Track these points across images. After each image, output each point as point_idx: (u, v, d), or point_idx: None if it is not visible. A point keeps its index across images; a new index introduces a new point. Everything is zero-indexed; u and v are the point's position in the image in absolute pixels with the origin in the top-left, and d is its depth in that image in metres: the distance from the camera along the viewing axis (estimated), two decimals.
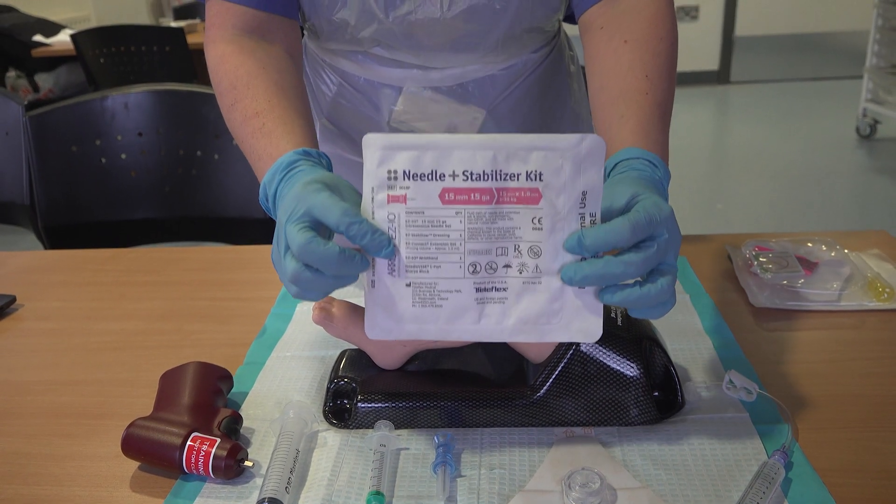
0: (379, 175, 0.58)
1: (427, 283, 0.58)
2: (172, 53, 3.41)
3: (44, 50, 3.90)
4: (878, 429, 0.66)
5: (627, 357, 0.67)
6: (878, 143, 4.23)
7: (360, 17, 0.87)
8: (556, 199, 0.57)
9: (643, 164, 0.67)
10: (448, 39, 0.89)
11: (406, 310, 0.59)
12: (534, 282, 0.59)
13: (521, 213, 0.58)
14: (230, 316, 0.92)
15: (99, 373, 0.82)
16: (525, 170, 0.57)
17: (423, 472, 0.63)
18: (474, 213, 0.57)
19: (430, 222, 0.58)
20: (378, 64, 0.94)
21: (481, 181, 0.57)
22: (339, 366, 0.74)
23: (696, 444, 0.65)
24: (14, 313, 0.97)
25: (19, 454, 0.69)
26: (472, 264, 0.58)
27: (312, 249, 0.56)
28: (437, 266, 0.58)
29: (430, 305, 0.59)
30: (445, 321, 0.59)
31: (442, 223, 0.57)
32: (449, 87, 0.94)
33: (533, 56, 0.98)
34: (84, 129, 1.46)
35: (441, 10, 0.85)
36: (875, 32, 4.16)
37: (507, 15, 0.87)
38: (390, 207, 0.58)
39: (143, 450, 0.64)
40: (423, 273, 0.58)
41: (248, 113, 0.76)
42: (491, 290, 0.59)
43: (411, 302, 0.59)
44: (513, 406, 0.68)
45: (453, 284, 0.58)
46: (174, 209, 1.50)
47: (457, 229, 0.57)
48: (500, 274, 0.59)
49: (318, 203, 0.58)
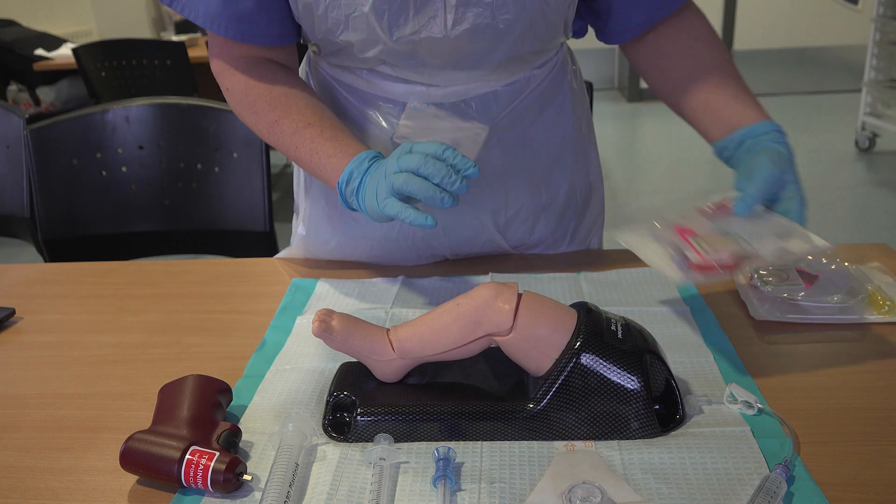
0: None
1: None
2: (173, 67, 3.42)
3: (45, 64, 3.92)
4: (880, 442, 0.66)
5: (628, 370, 0.66)
6: (878, 157, 4.23)
7: (363, 39, 0.87)
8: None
9: (779, 136, 0.86)
10: (451, 58, 0.89)
11: None
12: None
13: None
14: (229, 329, 0.92)
15: (98, 386, 0.82)
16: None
17: (423, 486, 0.63)
18: None
19: None
20: (382, 79, 0.95)
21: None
22: (338, 379, 0.74)
23: (697, 457, 0.64)
24: (13, 326, 0.97)
25: (17, 468, 0.69)
26: None
27: (425, 161, 0.76)
28: None
29: None
30: None
31: None
32: (452, 103, 0.95)
33: (536, 72, 0.99)
34: (85, 142, 1.46)
35: (445, 29, 0.85)
36: (873, 47, 4.18)
37: (510, 35, 0.87)
38: None
39: (141, 463, 0.64)
40: None
41: (298, 125, 0.90)
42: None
43: None
44: (513, 419, 0.68)
45: None
46: (174, 222, 1.51)
47: None
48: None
49: (420, 145, 0.78)
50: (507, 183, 1.02)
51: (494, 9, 0.84)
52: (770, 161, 0.82)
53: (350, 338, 0.72)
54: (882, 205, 3.58)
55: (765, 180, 0.81)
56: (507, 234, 1.06)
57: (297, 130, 0.90)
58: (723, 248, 0.74)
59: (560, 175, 1.06)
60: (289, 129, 0.90)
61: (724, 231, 0.79)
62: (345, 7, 0.84)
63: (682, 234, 0.79)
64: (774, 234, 0.76)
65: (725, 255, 0.72)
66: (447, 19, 0.84)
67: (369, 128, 0.98)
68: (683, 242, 0.76)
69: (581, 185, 1.10)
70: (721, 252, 0.73)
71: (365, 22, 0.85)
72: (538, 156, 1.02)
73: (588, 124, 1.13)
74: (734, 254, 0.73)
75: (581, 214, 1.12)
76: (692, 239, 0.77)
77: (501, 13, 0.84)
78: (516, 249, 1.09)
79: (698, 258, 0.73)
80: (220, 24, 0.89)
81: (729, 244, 0.75)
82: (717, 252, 0.73)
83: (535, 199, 1.04)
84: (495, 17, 0.85)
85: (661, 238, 0.80)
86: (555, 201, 1.07)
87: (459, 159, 0.76)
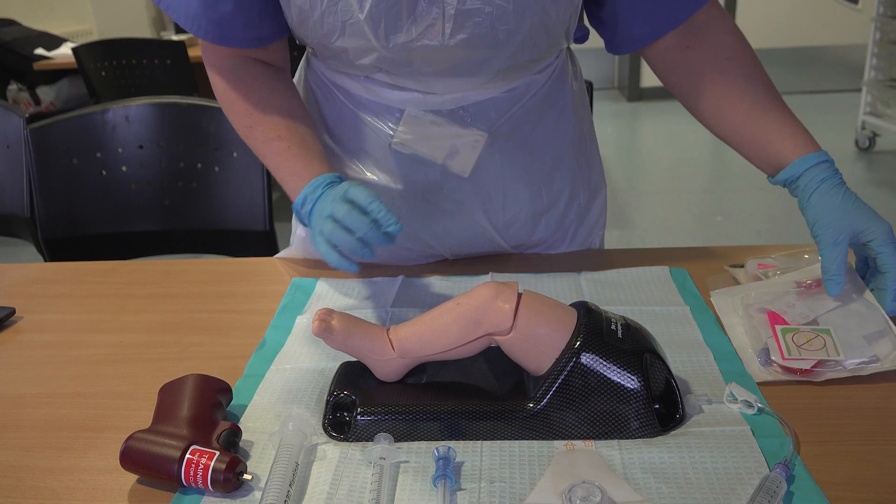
0: None
1: None
2: (173, 66, 3.42)
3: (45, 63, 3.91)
4: (880, 442, 0.66)
5: (628, 370, 0.66)
6: (877, 156, 4.24)
7: (359, 46, 0.86)
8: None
9: (828, 167, 0.84)
10: (448, 66, 0.88)
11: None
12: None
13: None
14: (229, 328, 0.92)
15: (98, 385, 0.82)
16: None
17: (423, 485, 0.63)
18: None
19: None
20: (379, 86, 0.94)
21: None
22: (338, 378, 0.74)
23: (697, 457, 0.64)
24: (13, 325, 0.97)
25: (18, 467, 0.69)
26: None
27: (349, 213, 0.78)
28: None
29: None
30: None
31: None
32: (450, 110, 0.94)
33: (536, 77, 0.97)
34: (85, 141, 1.46)
35: (443, 38, 0.84)
36: (873, 46, 4.18)
37: (510, 45, 0.86)
38: None
39: (141, 463, 0.64)
40: None
41: (268, 135, 0.92)
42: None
43: None
44: (513, 419, 0.68)
45: None
46: (174, 222, 1.50)
47: None
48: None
49: (354, 190, 0.80)
50: (507, 187, 1.01)
51: (494, 19, 0.83)
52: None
53: (350, 337, 0.72)
54: (882, 204, 3.58)
55: (840, 259, 0.81)
56: (508, 235, 1.06)
57: (267, 141, 0.92)
58: (808, 352, 0.76)
59: (562, 178, 1.05)
60: (260, 137, 0.93)
61: (814, 319, 0.81)
62: (341, 13, 0.83)
63: (773, 322, 0.80)
64: (864, 337, 0.78)
65: (809, 364, 0.75)
66: (445, 28, 0.83)
67: (367, 132, 0.98)
68: (771, 338, 0.78)
69: (584, 188, 1.09)
70: (805, 358, 0.75)
71: (361, 29, 0.84)
72: (539, 160, 1.02)
73: (589, 125, 1.12)
74: (818, 359, 0.75)
75: (583, 216, 1.11)
76: (781, 332, 0.79)
77: (501, 23, 0.83)
78: (516, 249, 1.09)
79: (781, 361, 0.76)
80: (200, 27, 0.89)
81: (816, 346, 0.77)
82: (800, 355, 0.76)
83: (536, 203, 1.04)
84: (495, 28, 0.83)
85: (750, 319, 0.83)
86: (556, 204, 1.06)
87: (383, 214, 0.77)
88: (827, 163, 0.85)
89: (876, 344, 0.77)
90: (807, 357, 0.75)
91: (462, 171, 0.98)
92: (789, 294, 0.85)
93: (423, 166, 0.97)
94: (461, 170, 0.97)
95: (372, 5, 0.81)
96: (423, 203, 1.00)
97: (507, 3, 0.81)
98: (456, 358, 0.71)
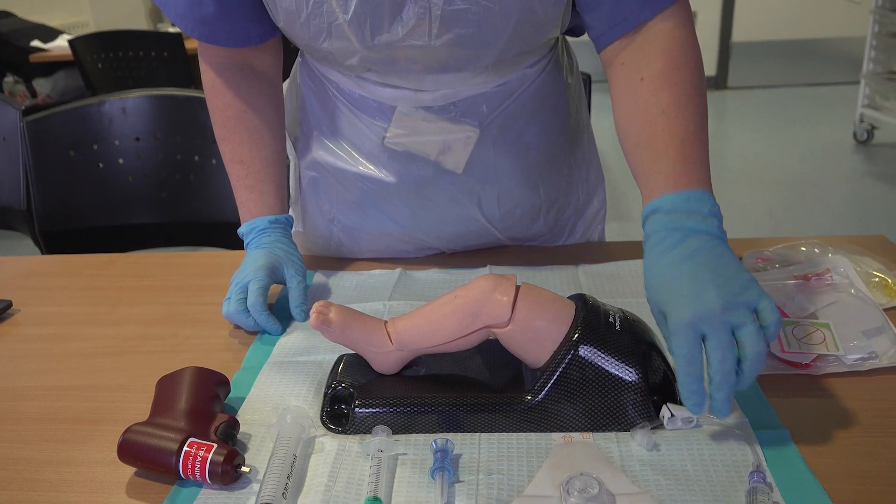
0: None
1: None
2: (170, 59, 3.41)
3: (42, 55, 3.90)
4: (878, 434, 0.66)
5: (626, 362, 0.66)
6: (876, 149, 4.23)
7: (343, 47, 0.86)
8: None
9: (665, 217, 0.71)
10: (434, 64, 0.88)
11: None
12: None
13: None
14: (227, 321, 0.92)
15: (95, 378, 0.82)
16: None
17: (422, 477, 0.63)
18: None
19: None
20: (370, 84, 0.94)
21: None
22: (336, 371, 0.74)
23: (695, 449, 0.64)
24: (10, 318, 0.97)
25: (15, 460, 0.69)
26: None
27: (237, 313, 0.87)
28: None
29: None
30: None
31: None
32: (441, 106, 0.94)
33: (528, 71, 0.96)
34: (81, 134, 1.46)
35: (429, 38, 0.83)
36: (871, 38, 4.17)
37: (497, 43, 0.85)
38: None
39: (139, 455, 0.64)
40: None
41: (233, 157, 0.98)
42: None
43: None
44: (511, 411, 0.68)
45: None
46: (171, 214, 1.50)
47: None
48: None
49: (254, 287, 0.88)
50: (501, 181, 1.00)
51: (480, 18, 0.81)
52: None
53: (348, 330, 0.71)
54: (880, 197, 3.59)
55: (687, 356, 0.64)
56: (504, 229, 1.05)
57: (230, 161, 0.98)
58: (809, 346, 0.76)
59: (558, 173, 1.05)
60: (226, 154, 0.99)
61: (813, 313, 0.81)
62: (326, 15, 0.83)
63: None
64: (862, 333, 0.78)
65: (809, 357, 0.75)
66: (431, 29, 0.82)
67: (360, 129, 0.98)
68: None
69: (582, 182, 1.09)
70: (805, 352, 0.76)
71: (345, 30, 0.83)
72: (534, 154, 1.00)
73: (586, 119, 1.11)
74: (817, 353, 0.75)
75: (582, 210, 1.11)
76: (783, 325, 0.78)
77: (487, 23, 0.82)
78: (514, 242, 1.09)
79: (781, 354, 0.76)
80: (187, 25, 0.91)
81: (816, 340, 0.77)
82: (801, 349, 0.76)
83: (533, 198, 1.03)
84: (481, 27, 0.82)
85: None
86: (554, 199, 1.06)
87: (262, 320, 0.86)
88: (667, 212, 0.71)
89: (874, 340, 0.77)
90: (806, 351, 0.75)
91: (455, 168, 0.97)
92: (788, 286, 0.85)
93: (417, 162, 0.97)
94: (454, 166, 0.97)
95: (357, 6, 0.81)
96: (418, 197, 1.00)
97: (493, 3, 0.80)
98: (454, 350, 0.71)
